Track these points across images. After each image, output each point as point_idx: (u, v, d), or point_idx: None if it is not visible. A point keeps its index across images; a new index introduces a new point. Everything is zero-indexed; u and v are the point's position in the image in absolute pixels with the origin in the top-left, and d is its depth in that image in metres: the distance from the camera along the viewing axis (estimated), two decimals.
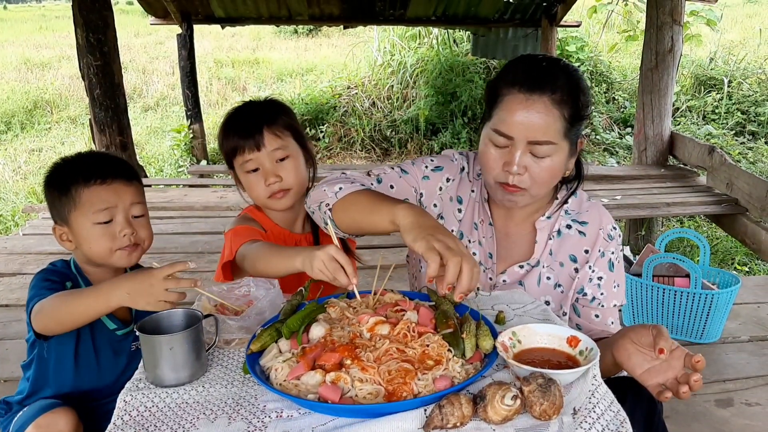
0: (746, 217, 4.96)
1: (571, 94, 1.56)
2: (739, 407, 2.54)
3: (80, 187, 1.69)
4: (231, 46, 14.82)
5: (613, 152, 8.85)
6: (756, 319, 3.28)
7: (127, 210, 1.74)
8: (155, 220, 5.19)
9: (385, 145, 9.44)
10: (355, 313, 1.42)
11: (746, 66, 10.11)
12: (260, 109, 1.98)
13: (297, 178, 1.97)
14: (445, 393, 1.14)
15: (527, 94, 1.55)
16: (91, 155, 1.86)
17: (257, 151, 1.91)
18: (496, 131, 1.60)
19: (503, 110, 1.58)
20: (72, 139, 9.87)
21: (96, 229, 1.71)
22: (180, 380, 1.31)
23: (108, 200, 1.71)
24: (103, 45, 6.08)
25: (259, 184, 1.94)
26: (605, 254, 1.76)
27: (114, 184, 1.72)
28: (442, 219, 1.83)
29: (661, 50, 5.92)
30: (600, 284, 1.76)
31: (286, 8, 8.01)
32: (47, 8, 27.70)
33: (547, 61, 1.61)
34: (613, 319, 1.80)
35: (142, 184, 1.84)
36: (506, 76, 1.61)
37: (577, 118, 1.59)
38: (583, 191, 1.84)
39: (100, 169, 1.72)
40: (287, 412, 1.19)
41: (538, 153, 1.58)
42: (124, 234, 1.72)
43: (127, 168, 1.81)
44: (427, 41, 10.38)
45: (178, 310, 1.44)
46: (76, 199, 1.70)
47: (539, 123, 1.55)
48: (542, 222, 1.77)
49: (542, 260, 1.78)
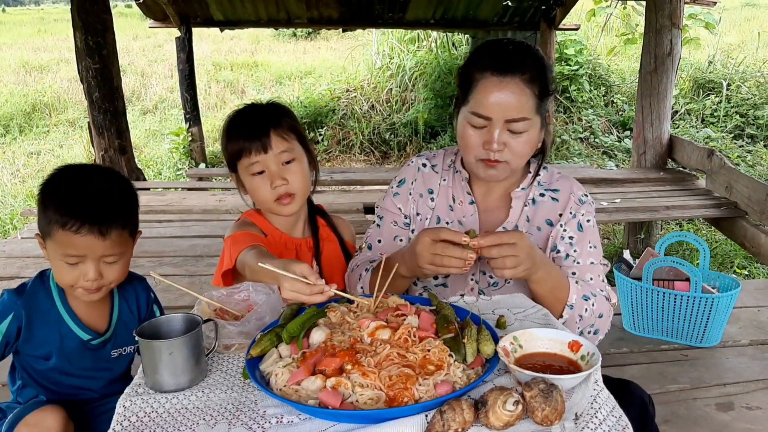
0: (745, 221, 4.95)
1: (539, 73, 1.70)
2: (740, 411, 2.53)
3: (56, 225, 1.60)
4: (230, 49, 14.82)
5: (612, 155, 8.86)
6: (756, 323, 3.27)
7: (97, 259, 1.65)
8: (154, 223, 5.21)
9: (384, 149, 9.44)
10: (355, 318, 1.41)
11: (745, 69, 10.13)
12: (264, 112, 1.97)
13: (302, 181, 1.96)
14: (446, 398, 1.13)
15: (500, 77, 1.67)
16: (79, 183, 1.68)
17: (264, 153, 1.89)
18: (474, 113, 1.72)
19: (479, 93, 1.70)
20: (70, 142, 9.87)
21: (63, 264, 1.65)
22: (179, 385, 1.30)
23: (79, 249, 1.62)
24: (102, 48, 6.07)
25: (265, 187, 1.92)
26: (576, 215, 1.86)
27: (89, 236, 1.60)
28: (419, 215, 1.96)
29: (660, 53, 5.92)
30: (572, 243, 1.85)
31: (284, 11, 8.01)
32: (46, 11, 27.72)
33: (513, 45, 1.75)
34: (593, 275, 1.84)
35: (128, 226, 1.71)
36: (478, 62, 1.74)
37: (545, 93, 1.73)
38: (554, 167, 2.00)
39: (79, 213, 1.59)
40: (287, 417, 1.18)
41: (515, 129, 1.70)
42: (87, 279, 1.65)
43: (110, 212, 1.65)
44: (426, 44, 10.39)
45: (177, 315, 1.43)
46: (51, 231, 1.62)
47: (514, 102, 1.68)
48: (518, 192, 1.90)
49: (520, 226, 1.88)
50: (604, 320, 1.81)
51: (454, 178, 1.96)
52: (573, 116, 9.59)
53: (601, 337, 1.84)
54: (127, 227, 1.70)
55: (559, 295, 1.72)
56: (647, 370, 2.83)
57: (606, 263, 1.90)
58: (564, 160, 8.58)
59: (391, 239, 1.97)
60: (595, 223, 1.90)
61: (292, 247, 2.03)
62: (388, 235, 1.98)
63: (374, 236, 2.01)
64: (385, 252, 1.90)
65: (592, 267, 1.85)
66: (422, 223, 1.95)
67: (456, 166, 1.97)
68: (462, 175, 1.93)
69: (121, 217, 1.68)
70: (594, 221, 1.90)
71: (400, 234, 1.98)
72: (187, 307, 1.55)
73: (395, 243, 1.95)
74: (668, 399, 2.59)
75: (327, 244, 2.11)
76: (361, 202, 5.31)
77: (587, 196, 1.92)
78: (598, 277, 1.85)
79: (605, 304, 1.81)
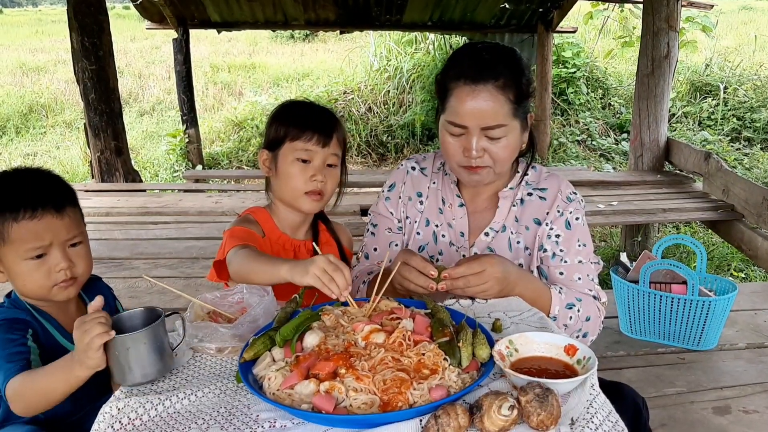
0: (742, 224, 4.95)
1: (513, 78, 1.69)
2: (737, 415, 2.52)
3: (8, 220, 1.54)
4: (227, 50, 14.81)
5: (609, 158, 8.86)
6: (753, 326, 3.26)
7: (62, 244, 1.60)
8: (150, 225, 5.20)
9: (382, 151, 9.44)
10: (350, 321, 1.40)
11: (742, 72, 10.15)
12: (332, 114, 2.01)
13: (333, 187, 2.01)
14: (440, 403, 1.12)
15: (472, 85, 1.67)
16: (16, 177, 1.64)
17: (321, 147, 1.92)
18: (450, 122, 1.73)
19: (453, 102, 1.71)
20: (67, 144, 9.85)
21: (28, 265, 1.57)
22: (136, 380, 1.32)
23: (41, 237, 1.56)
24: (98, 49, 6.07)
25: (303, 176, 1.93)
26: (563, 213, 1.86)
27: (46, 217, 1.56)
28: (408, 218, 1.98)
29: (657, 56, 5.93)
30: (558, 241, 1.84)
31: (282, 13, 8.01)
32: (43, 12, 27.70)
33: (487, 50, 1.73)
34: (580, 275, 1.83)
35: (77, 207, 1.68)
36: (451, 70, 1.74)
37: (522, 97, 1.72)
38: (542, 166, 1.99)
39: (28, 199, 1.55)
40: (280, 422, 1.17)
41: (492, 135, 1.70)
42: (59, 269, 1.59)
43: (58, 192, 1.63)
44: (423, 46, 10.38)
45: (138, 310, 1.44)
46: (4, 234, 1.55)
47: (488, 110, 1.67)
48: (506, 192, 1.90)
49: (508, 226, 1.89)
50: (593, 323, 1.80)
51: (443, 181, 1.97)
52: (570, 119, 9.60)
53: (593, 338, 1.84)
54: (77, 207, 1.67)
55: (542, 308, 1.70)
56: (644, 373, 2.82)
57: (598, 261, 1.89)
58: (561, 162, 8.58)
59: (387, 246, 1.98)
60: (584, 222, 1.89)
61: (290, 249, 2.03)
62: (384, 242, 1.99)
63: (370, 245, 2.02)
64: (382, 260, 1.89)
65: (580, 266, 1.84)
66: (411, 226, 1.96)
67: (446, 168, 1.97)
68: (451, 178, 1.94)
69: (70, 195, 1.65)
70: (583, 219, 1.89)
71: (395, 239, 1.98)
72: (181, 310, 1.54)
73: (392, 250, 1.96)
74: (665, 402, 2.59)
75: (326, 249, 2.10)
76: (358, 204, 5.30)
77: (576, 194, 1.91)
78: (587, 276, 1.84)
79: (592, 306, 1.80)
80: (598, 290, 1.87)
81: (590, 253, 1.87)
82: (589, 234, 1.92)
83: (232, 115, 10.28)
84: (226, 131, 9.95)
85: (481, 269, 1.57)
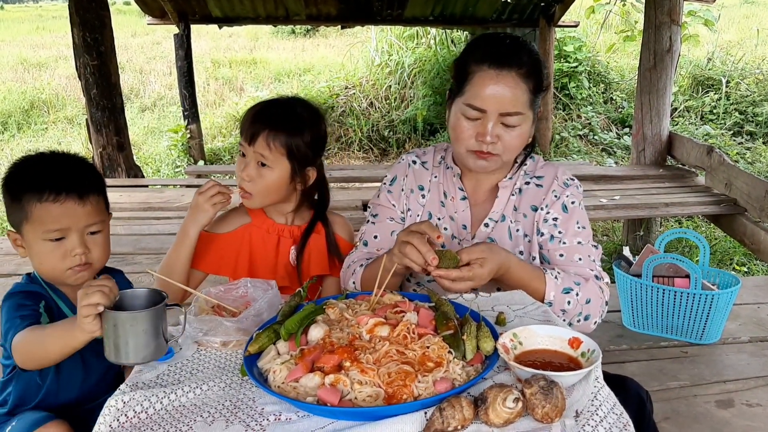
0: (745, 218, 4.94)
1: (534, 69, 1.72)
2: (740, 408, 2.53)
3: (32, 200, 1.59)
4: (228, 46, 14.77)
5: (612, 152, 8.84)
6: (756, 320, 3.26)
7: (81, 230, 1.63)
8: (152, 220, 5.20)
9: (383, 146, 9.43)
10: (354, 315, 1.41)
11: (744, 66, 10.11)
12: (284, 110, 2.01)
13: (263, 186, 2.01)
14: (445, 395, 1.12)
15: (497, 70, 1.69)
16: (48, 160, 1.70)
17: (248, 145, 1.96)
18: (469, 105, 1.72)
19: (475, 85, 1.71)
20: (69, 140, 9.84)
21: (46, 246, 1.61)
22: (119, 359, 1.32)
23: (60, 220, 1.60)
24: (100, 45, 6.06)
25: (239, 170, 2.03)
26: (560, 197, 1.86)
27: (68, 202, 1.60)
28: (409, 210, 1.98)
29: (659, 50, 5.91)
30: (556, 224, 1.84)
31: (283, 8, 7.99)
32: (44, 8, 27.62)
33: (510, 39, 1.76)
34: (581, 255, 1.82)
35: (102, 195, 1.72)
36: (474, 54, 1.74)
37: (539, 89, 1.76)
38: (539, 156, 2.01)
39: (54, 182, 1.60)
40: (286, 414, 1.18)
41: (509, 123, 1.72)
42: (75, 254, 1.62)
43: (86, 178, 1.67)
44: (424, 41, 10.36)
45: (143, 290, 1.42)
46: (27, 211, 1.60)
47: (509, 96, 1.69)
48: (505, 182, 1.91)
49: (507, 215, 1.90)
50: (594, 304, 1.77)
51: (445, 174, 1.97)
52: (572, 113, 9.57)
53: (597, 320, 1.81)
54: (102, 195, 1.71)
55: (535, 292, 1.71)
56: (647, 367, 2.82)
57: (597, 246, 1.88)
58: (563, 157, 8.57)
59: (388, 234, 1.97)
60: (583, 207, 1.89)
61: (273, 232, 2.08)
62: (385, 230, 1.98)
63: (370, 232, 2.00)
64: (382, 248, 1.89)
65: (579, 247, 1.83)
66: (413, 218, 1.96)
67: (447, 162, 1.97)
68: (453, 171, 1.94)
69: (97, 183, 1.69)
70: (581, 205, 1.89)
71: (397, 229, 1.97)
72: (185, 304, 1.54)
73: (392, 238, 1.93)
74: (668, 396, 2.59)
75: (312, 235, 2.11)
76: (359, 199, 5.30)
77: (573, 179, 1.92)
78: (588, 257, 1.83)
79: (593, 288, 1.78)
80: (600, 270, 1.85)
81: (590, 235, 1.87)
82: (588, 220, 1.91)
83: (234, 110, 10.26)
84: (227, 127, 9.94)
85: (469, 276, 1.56)
